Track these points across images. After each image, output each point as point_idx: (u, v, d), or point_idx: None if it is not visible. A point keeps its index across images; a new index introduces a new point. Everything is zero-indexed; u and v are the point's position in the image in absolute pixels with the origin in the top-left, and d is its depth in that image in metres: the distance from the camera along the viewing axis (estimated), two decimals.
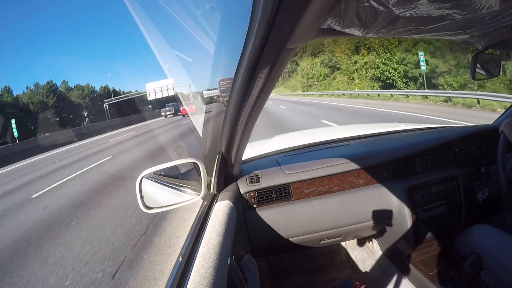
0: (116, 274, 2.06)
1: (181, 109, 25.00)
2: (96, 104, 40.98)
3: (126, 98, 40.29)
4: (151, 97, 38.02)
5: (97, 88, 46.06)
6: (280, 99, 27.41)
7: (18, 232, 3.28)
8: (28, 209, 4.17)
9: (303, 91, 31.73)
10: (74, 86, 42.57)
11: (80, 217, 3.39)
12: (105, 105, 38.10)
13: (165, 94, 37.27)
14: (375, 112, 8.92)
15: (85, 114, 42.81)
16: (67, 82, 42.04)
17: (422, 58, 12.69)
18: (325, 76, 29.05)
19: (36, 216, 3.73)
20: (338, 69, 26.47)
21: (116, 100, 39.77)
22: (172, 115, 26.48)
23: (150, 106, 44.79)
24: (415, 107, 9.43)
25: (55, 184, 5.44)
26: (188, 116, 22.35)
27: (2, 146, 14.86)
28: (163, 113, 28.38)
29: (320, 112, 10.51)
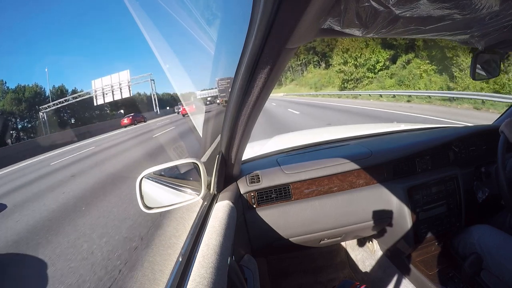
0: None
1: (181, 108, 25.06)
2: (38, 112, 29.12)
3: (67, 103, 29.73)
4: (98, 100, 28.69)
5: (48, 88, 33.89)
6: (300, 101, 17.75)
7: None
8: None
9: (342, 88, 19.10)
10: (16, 87, 30.19)
11: None
12: (41, 113, 27.63)
13: (117, 97, 28.08)
14: None
15: (19, 126, 30.31)
16: (5, 82, 30.21)
17: None
18: (386, 64, 16.55)
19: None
20: (410, 49, 14.92)
21: (55, 106, 28.76)
22: None
23: (122, 111, 36.82)
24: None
25: None
26: (188, 116, 22.70)
27: None
28: (176, 111, 31.87)
29: None
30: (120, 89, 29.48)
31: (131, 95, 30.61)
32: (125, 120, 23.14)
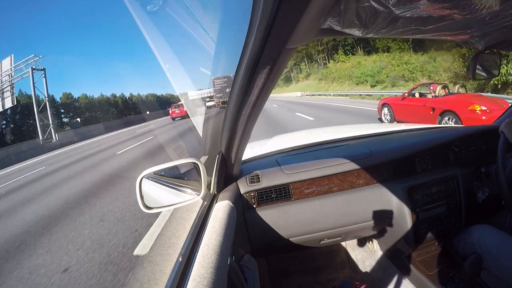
0: None
1: (170, 110, 21.90)
2: None
3: None
4: None
5: None
6: None
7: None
8: None
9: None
10: None
11: None
12: None
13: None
14: None
15: None
16: None
17: None
18: None
19: None
20: None
21: None
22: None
23: (79, 119, 25.58)
24: None
25: None
26: (181, 118, 19.87)
27: None
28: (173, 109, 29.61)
29: None
30: (2, 91, 16.05)
31: (15, 103, 16.95)
32: (177, 111, 22.51)
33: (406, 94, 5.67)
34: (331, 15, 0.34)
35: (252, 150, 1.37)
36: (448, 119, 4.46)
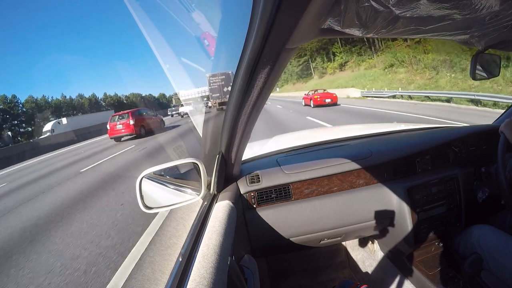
0: None
1: (108, 125, 11.07)
2: None
3: None
4: None
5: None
6: None
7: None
8: None
9: None
10: None
11: None
12: None
13: None
14: None
15: None
16: None
17: None
18: None
19: None
20: None
21: None
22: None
23: (8, 133, 20.08)
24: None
25: None
26: (132, 138, 10.57)
27: None
28: (169, 113, 25.67)
29: None
30: None
31: None
32: (120, 126, 10.76)
33: (308, 93, 14.78)
34: (331, 15, 0.34)
35: (252, 150, 1.37)
36: (312, 102, 13.29)
